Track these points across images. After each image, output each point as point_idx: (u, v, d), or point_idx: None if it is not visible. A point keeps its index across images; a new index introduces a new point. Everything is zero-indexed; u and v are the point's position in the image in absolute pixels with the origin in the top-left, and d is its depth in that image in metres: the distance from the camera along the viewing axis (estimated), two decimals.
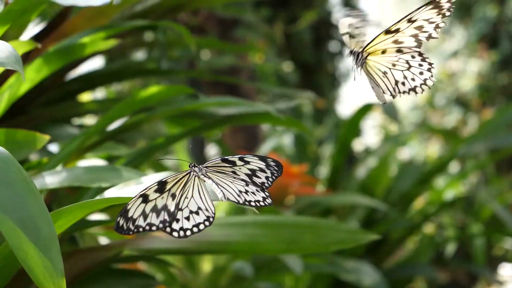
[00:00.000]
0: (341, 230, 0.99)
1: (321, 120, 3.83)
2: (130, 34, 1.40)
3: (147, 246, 0.95)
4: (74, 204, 0.62)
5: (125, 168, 0.85)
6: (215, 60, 2.54)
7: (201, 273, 1.55)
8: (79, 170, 0.85)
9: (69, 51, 0.98)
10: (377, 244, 2.19)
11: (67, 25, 1.08)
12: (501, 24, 6.22)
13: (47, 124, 1.21)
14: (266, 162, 0.65)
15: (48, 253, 0.55)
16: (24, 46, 0.89)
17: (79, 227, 0.89)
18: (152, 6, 1.24)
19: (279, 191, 1.83)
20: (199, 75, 1.62)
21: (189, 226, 0.62)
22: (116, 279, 1.03)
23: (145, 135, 1.59)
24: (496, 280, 2.65)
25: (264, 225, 0.97)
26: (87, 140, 0.98)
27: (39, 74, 0.96)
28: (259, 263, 1.56)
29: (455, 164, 3.69)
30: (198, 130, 1.24)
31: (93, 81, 1.36)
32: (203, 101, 1.15)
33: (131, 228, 0.61)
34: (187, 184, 0.63)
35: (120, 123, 1.08)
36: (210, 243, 0.95)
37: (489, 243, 2.77)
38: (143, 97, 1.01)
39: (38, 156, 1.09)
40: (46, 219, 0.57)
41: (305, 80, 4.89)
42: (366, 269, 1.75)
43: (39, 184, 0.81)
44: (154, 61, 1.54)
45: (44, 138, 0.84)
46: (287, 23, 4.53)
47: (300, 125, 1.30)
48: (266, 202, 0.64)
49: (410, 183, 2.32)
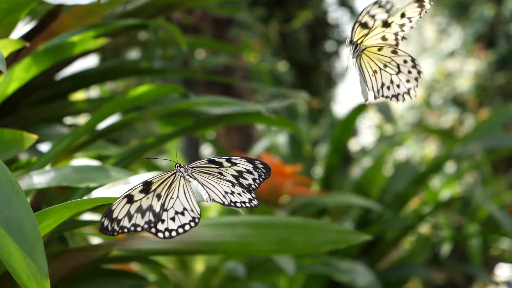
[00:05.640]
0: (333, 230, 0.99)
1: (317, 120, 3.83)
2: (123, 33, 1.39)
3: (137, 247, 0.95)
4: (60, 204, 0.62)
5: (114, 168, 0.85)
6: (210, 60, 2.54)
7: (194, 273, 1.55)
8: (67, 170, 0.85)
9: (59, 50, 0.97)
10: (372, 245, 2.18)
11: (56, 24, 1.07)
12: (498, 24, 6.22)
13: (38, 123, 1.20)
14: (254, 164, 0.65)
15: (33, 254, 0.55)
16: (13, 45, 0.88)
17: (68, 227, 0.89)
18: (143, 5, 1.24)
19: (272, 191, 1.82)
20: (193, 75, 1.61)
21: (175, 227, 0.62)
22: (106, 279, 1.02)
23: (138, 134, 1.58)
24: (493, 281, 2.64)
25: (255, 225, 0.96)
26: (76, 140, 0.97)
27: (28, 73, 0.96)
28: (252, 264, 1.55)
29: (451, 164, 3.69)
30: (190, 130, 1.24)
31: (85, 80, 1.35)
32: (194, 101, 1.15)
33: (115, 229, 0.60)
34: (173, 184, 0.63)
35: (110, 122, 1.08)
36: (201, 243, 0.94)
37: (485, 244, 2.77)
38: (133, 96, 1.01)
39: (28, 155, 1.08)
40: (30, 220, 0.56)
41: (300, 80, 4.89)
42: (360, 269, 1.75)
43: (26, 184, 0.81)
44: (147, 60, 1.53)
45: (32, 138, 0.84)
46: (283, 23, 4.53)
47: (292, 125, 1.29)
48: (252, 203, 0.64)
49: (405, 183, 2.31)
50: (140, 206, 0.61)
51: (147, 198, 0.61)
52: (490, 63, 6.16)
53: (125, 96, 1.01)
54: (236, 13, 2.68)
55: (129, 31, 1.45)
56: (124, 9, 1.24)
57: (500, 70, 6.16)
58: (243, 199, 0.64)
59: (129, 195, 0.61)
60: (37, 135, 0.86)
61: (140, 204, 0.61)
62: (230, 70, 3.06)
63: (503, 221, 2.16)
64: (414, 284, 2.86)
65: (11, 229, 0.55)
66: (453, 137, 3.45)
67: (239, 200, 0.63)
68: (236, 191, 0.64)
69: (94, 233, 1.15)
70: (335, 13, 5.38)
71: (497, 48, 6.16)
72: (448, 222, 2.35)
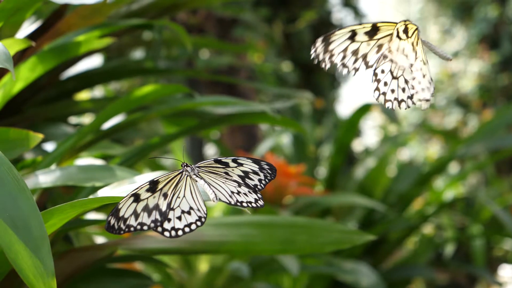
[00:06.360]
0: (336, 230, 0.99)
1: (321, 121, 3.83)
2: (127, 33, 1.39)
3: (141, 246, 0.95)
4: (66, 203, 0.62)
5: (119, 167, 0.85)
6: (214, 60, 2.54)
7: (198, 273, 1.55)
8: (73, 169, 0.85)
9: (64, 50, 0.97)
10: (376, 245, 2.18)
11: (62, 23, 1.07)
12: (502, 25, 6.22)
13: (43, 123, 1.20)
14: (260, 165, 0.65)
15: (39, 253, 0.55)
16: (18, 44, 0.89)
17: (74, 226, 0.89)
18: (148, 5, 1.24)
19: (277, 191, 1.82)
20: (197, 75, 1.61)
21: (181, 226, 0.62)
22: (111, 279, 1.02)
23: (143, 134, 1.58)
24: (496, 282, 2.64)
25: (259, 225, 0.97)
26: (81, 139, 0.97)
27: (34, 73, 0.96)
28: (256, 264, 1.55)
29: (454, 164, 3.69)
30: (194, 130, 1.24)
31: (90, 80, 1.36)
32: (199, 100, 1.15)
33: (122, 228, 0.60)
34: (179, 183, 0.63)
35: (115, 122, 1.08)
36: (205, 243, 0.94)
37: (488, 244, 2.77)
38: (138, 96, 1.01)
39: (34, 155, 1.09)
40: (37, 219, 0.56)
41: (304, 80, 4.89)
42: (364, 270, 1.75)
43: (32, 183, 0.81)
44: (152, 60, 1.53)
45: (37, 137, 0.84)
46: (287, 23, 4.53)
47: (296, 125, 1.29)
48: (258, 203, 0.64)
49: (409, 183, 2.31)
50: (146, 205, 0.61)
51: (153, 197, 0.61)
52: (494, 64, 6.16)
53: (129, 96, 1.01)
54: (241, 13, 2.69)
55: (133, 31, 1.45)
56: (129, 9, 1.24)
57: (504, 71, 6.16)
58: (249, 199, 0.64)
59: (136, 194, 0.61)
60: (43, 134, 0.86)
61: (147, 203, 0.61)
62: (234, 70, 3.07)
63: (506, 221, 2.16)
64: (418, 284, 2.85)
65: (17, 228, 0.55)
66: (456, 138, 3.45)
67: (245, 200, 0.64)
68: (242, 191, 0.64)
69: (99, 232, 1.15)
70: (339, 14, 5.37)
71: (500, 49, 6.16)
72: (452, 222, 2.35)
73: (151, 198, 0.61)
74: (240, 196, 0.64)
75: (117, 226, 0.60)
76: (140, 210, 0.61)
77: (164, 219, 0.61)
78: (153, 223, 0.61)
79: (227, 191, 0.64)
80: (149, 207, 0.61)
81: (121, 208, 0.60)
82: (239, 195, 0.64)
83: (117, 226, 0.60)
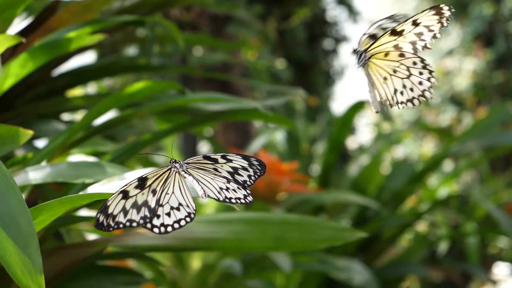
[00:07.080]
0: (329, 227, 0.98)
1: (315, 118, 3.83)
2: (120, 29, 1.39)
3: (132, 243, 0.94)
4: (55, 200, 0.62)
5: (109, 164, 0.85)
6: (207, 57, 2.53)
7: (190, 270, 1.55)
8: (63, 166, 0.84)
9: (55, 46, 0.97)
10: (369, 242, 2.18)
11: (53, 20, 1.07)
12: (497, 23, 6.23)
13: (35, 119, 1.20)
14: (249, 161, 0.65)
15: (27, 249, 0.55)
16: (9, 41, 0.88)
17: (64, 223, 0.89)
18: (141, 1, 1.24)
19: (269, 188, 1.82)
20: (191, 72, 1.61)
21: (170, 222, 0.62)
22: (102, 276, 1.02)
23: (135, 131, 1.58)
24: (490, 279, 2.64)
25: (251, 222, 0.96)
26: (72, 136, 0.97)
27: (25, 69, 0.95)
28: (248, 261, 1.55)
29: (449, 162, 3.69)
30: (187, 126, 1.23)
31: (83, 76, 1.35)
32: (191, 97, 1.15)
33: (111, 225, 0.60)
34: (168, 180, 0.63)
35: (107, 118, 1.07)
36: (196, 240, 0.94)
37: (483, 242, 2.77)
38: (130, 92, 1.00)
39: (25, 151, 1.08)
40: (25, 216, 0.56)
41: (298, 78, 4.89)
42: (357, 267, 1.75)
43: (22, 180, 0.81)
44: (145, 57, 1.53)
45: (28, 133, 0.83)
46: (281, 20, 4.53)
47: (289, 122, 1.29)
48: (247, 199, 0.64)
49: (403, 181, 2.31)
50: (135, 202, 0.61)
51: (142, 194, 0.61)
52: (489, 61, 6.17)
53: (121, 92, 1.01)
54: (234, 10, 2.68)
55: (126, 28, 1.44)
56: (122, 5, 1.24)
57: (499, 68, 6.17)
58: (238, 195, 0.64)
59: (125, 191, 0.61)
60: (34, 131, 0.85)
61: (136, 200, 0.61)
62: (228, 67, 3.07)
63: (500, 219, 2.16)
64: (411, 282, 2.86)
65: (5, 225, 0.54)
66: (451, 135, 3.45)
67: (234, 196, 0.63)
68: (231, 187, 0.64)
69: (90, 229, 1.15)
70: (333, 11, 5.38)
71: (495, 46, 6.17)
72: (446, 220, 2.35)
73: (140, 194, 0.61)
74: (229, 192, 0.64)
75: (106, 223, 0.60)
76: (129, 207, 0.61)
77: (153, 216, 0.61)
78: (142, 219, 0.61)
79: (215, 187, 0.63)
80: (138, 204, 0.61)
81: (110, 205, 0.60)
82: (228, 191, 0.64)
83: (106, 223, 0.60)
